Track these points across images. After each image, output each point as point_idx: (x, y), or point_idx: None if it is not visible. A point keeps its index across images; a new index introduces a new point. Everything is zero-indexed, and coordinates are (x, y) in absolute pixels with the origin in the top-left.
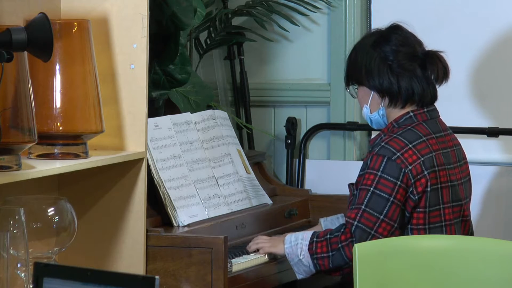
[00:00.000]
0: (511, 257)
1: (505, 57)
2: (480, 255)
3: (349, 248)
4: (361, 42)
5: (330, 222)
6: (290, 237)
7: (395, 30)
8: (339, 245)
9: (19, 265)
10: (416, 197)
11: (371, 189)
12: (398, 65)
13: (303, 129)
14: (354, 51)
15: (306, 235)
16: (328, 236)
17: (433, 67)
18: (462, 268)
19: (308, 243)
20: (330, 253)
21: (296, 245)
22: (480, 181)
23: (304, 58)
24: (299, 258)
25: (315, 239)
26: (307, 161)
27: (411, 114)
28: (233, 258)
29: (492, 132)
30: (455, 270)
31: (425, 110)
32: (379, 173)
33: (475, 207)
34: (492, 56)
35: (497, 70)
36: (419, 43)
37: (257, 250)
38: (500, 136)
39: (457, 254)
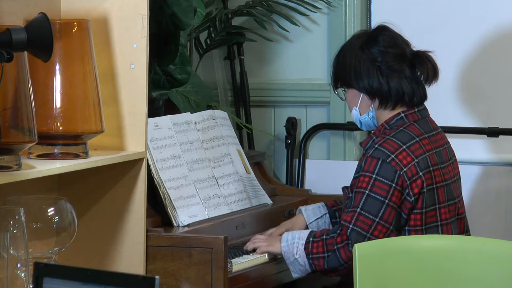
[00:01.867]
0: (511, 257)
1: (506, 57)
2: (479, 255)
3: (344, 250)
4: (348, 44)
5: (311, 212)
6: (287, 235)
7: (382, 31)
8: (335, 247)
9: (19, 265)
10: (413, 198)
11: (366, 192)
12: (387, 66)
13: (303, 129)
14: (341, 53)
15: (303, 234)
16: (324, 236)
17: (423, 68)
18: (461, 268)
19: (304, 243)
20: (326, 254)
21: (292, 243)
22: (480, 181)
23: (304, 58)
24: (295, 257)
25: (311, 238)
26: (307, 161)
27: (402, 115)
28: (233, 258)
29: (492, 132)
30: (455, 270)
31: (416, 110)
32: (374, 176)
33: (474, 207)
34: (493, 56)
35: (497, 70)
36: (407, 43)
37: (254, 250)
38: (500, 136)
39: (457, 254)
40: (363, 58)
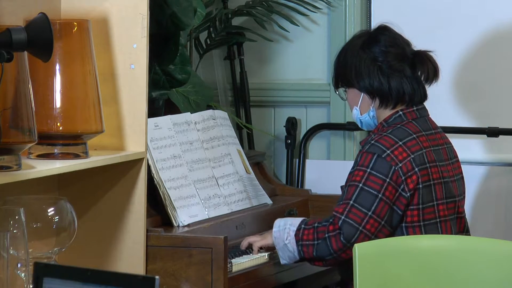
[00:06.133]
0: (511, 257)
1: (506, 57)
2: (480, 255)
3: (336, 239)
4: (349, 44)
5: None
6: (279, 221)
7: (383, 31)
8: (326, 235)
9: (19, 265)
10: (408, 194)
11: (360, 185)
12: (388, 65)
13: (303, 129)
14: (342, 53)
15: (295, 221)
16: (316, 224)
17: (423, 67)
18: (461, 268)
19: (295, 229)
20: (316, 242)
21: (284, 229)
22: (480, 181)
23: (304, 58)
24: (285, 243)
25: (303, 225)
26: (307, 161)
27: (401, 113)
28: (233, 258)
29: (492, 132)
30: (455, 270)
31: (415, 108)
32: (368, 170)
33: (474, 207)
34: (492, 56)
35: (497, 70)
36: (407, 43)
37: (249, 246)
38: (500, 136)
39: (457, 254)
40: (364, 58)
